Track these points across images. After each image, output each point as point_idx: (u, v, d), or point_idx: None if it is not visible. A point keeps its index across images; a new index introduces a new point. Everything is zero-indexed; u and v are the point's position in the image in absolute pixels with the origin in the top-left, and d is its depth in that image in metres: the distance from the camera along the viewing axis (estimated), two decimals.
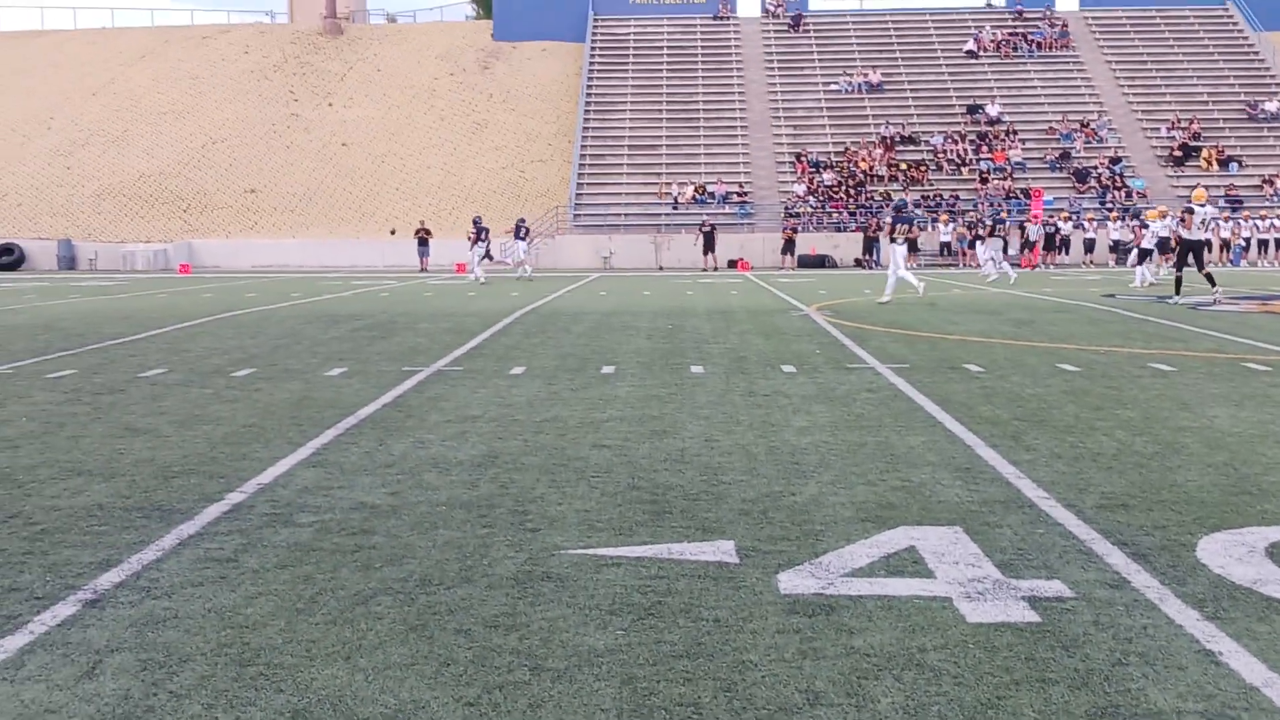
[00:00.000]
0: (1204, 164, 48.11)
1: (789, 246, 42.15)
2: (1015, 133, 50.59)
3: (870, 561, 5.03)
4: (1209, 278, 21.29)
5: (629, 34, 58.95)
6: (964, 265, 40.16)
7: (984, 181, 47.39)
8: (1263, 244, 42.93)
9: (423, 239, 42.13)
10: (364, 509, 6.01)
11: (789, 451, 7.43)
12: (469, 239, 33.92)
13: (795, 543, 5.34)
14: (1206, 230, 21.12)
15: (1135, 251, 30.19)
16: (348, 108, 56.61)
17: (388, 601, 4.56)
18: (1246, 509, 5.90)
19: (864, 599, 4.55)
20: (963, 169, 48.68)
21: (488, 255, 33.99)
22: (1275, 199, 45.19)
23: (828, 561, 5.04)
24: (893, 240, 22.33)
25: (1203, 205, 21.67)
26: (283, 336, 15.54)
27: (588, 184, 49.17)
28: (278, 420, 8.72)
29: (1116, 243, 41.71)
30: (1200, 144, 49.12)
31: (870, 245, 42.66)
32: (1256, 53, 55.50)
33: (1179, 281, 21.72)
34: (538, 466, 7.00)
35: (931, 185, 47.70)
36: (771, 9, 60.22)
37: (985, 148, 49.65)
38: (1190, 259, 21.42)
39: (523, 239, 36.15)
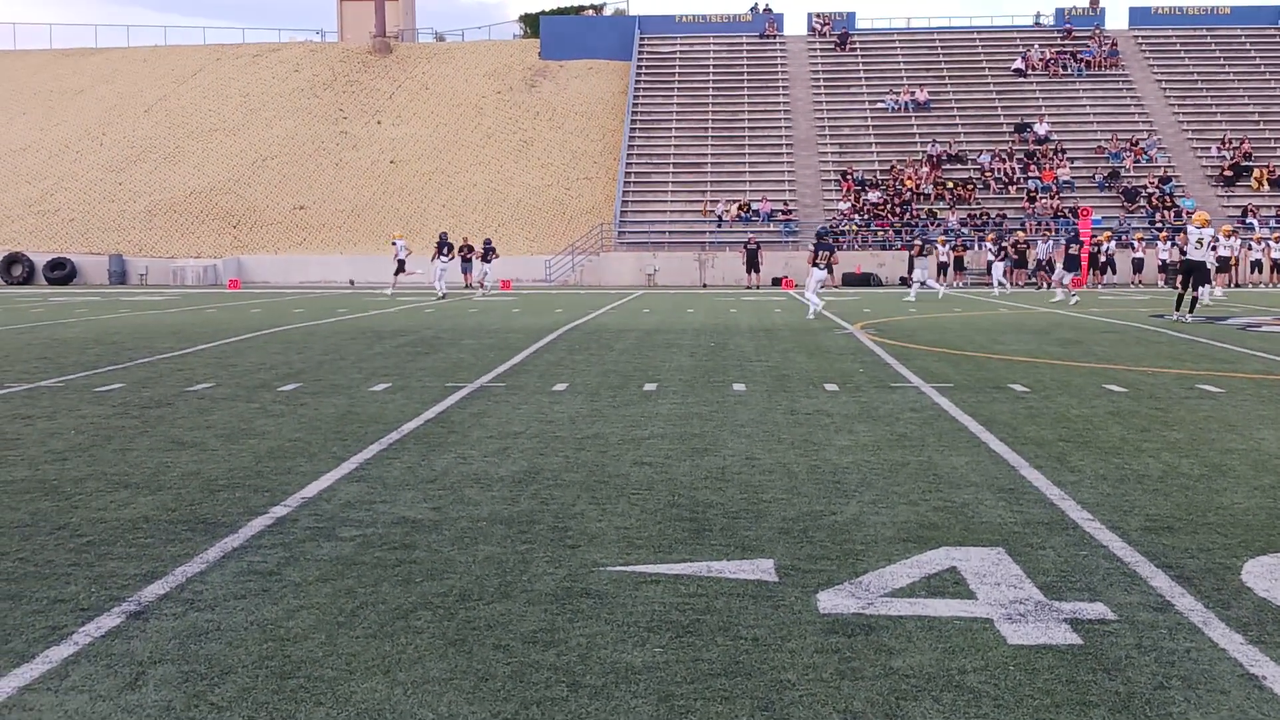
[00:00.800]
0: (1255, 184, 47.56)
1: (753, 262, 41.66)
2: (1064, 152, 50.24)
3: (911, 582, 5.00)
4: (1193, 300, 22.08)
5: (675, 52, 59.12)
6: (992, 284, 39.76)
7: (1031, 200, 47.07)
8: None
9: (466, 255, 42.39)
10: (405, 523, 6.05)
11: (830, 470, 7.41)
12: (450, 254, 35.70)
13: (835, 562, 5.32)
14: (1203, 251, 21.67)
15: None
16: (396, 125, 57.11)
17: (427, 616, 4.59)
18: None
19: (904, 619, 4.52)
20: (1010, 188, 48.37)
21: (401, 268, 35.75)
22: None
23: (868, 581, 5.01)
24: (816, 265, 23.19)
25: (1200, 228, 22.12)
26: (328, 352, 15.68)
27: (633, 201, 49.30)
28: (322, 435, 8.79)
29: (1164, 263, 41.33)
30: (1251, 164, 48.56)
31: (915, 264, 42.45)
32: None
33: (1187, 299, 22.17)
34: (578, 483, 7.02)
35: (979, 204, 47.44)
36: (818, 27, 60.21)
37: (1033, 167, 49.33)
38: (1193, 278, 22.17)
39: (485, 260, 37.06)
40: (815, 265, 23.23)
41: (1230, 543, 5.63)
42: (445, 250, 35.09)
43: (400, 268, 35.83)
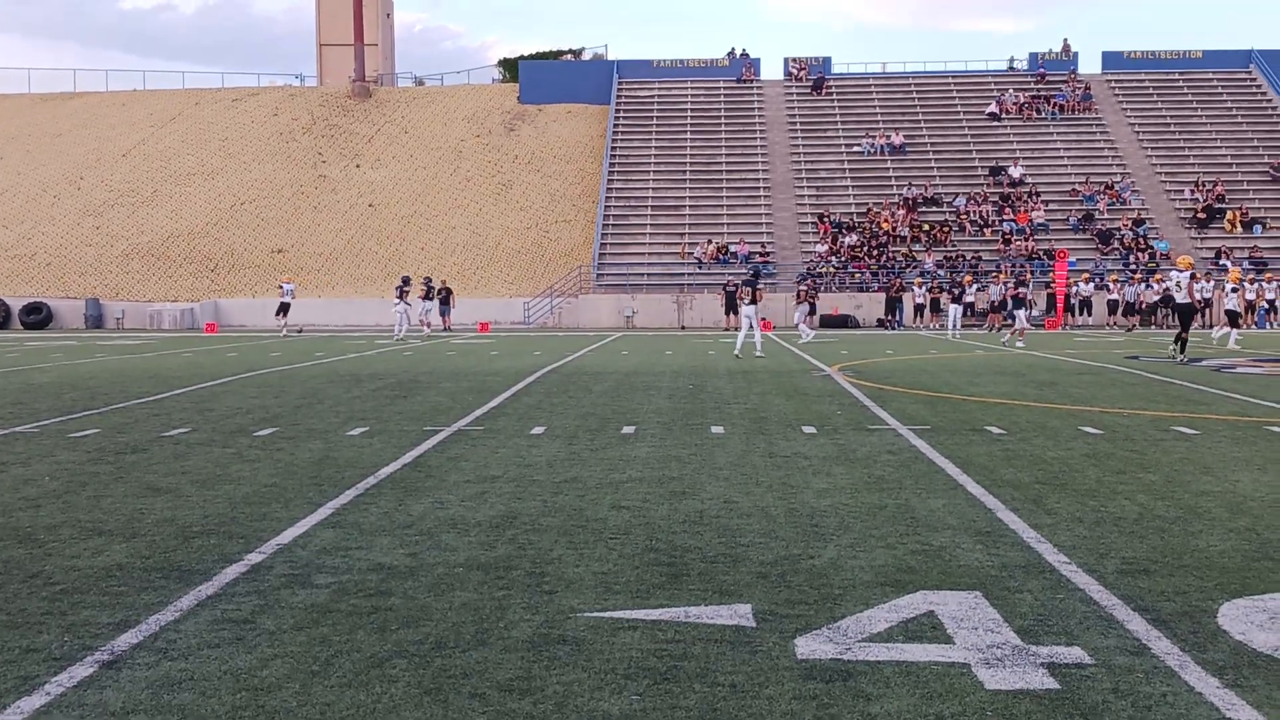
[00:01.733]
0: (1228, 226, 48.02)
1: (732, 304, 40.78)
2: (1038, 194, 50.67)
3: (889, 626, 5.00)
4: (1184, 342, 22.27)
5: (653, 96, 59.52)
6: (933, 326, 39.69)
7: (1006, 243, 47.42)
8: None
9: (445, 298, 42.45)
10: (381, 570, 6.01)
11: (808, 514, 7.41)
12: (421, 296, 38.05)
13: (813, 607, 5.31)
14: (1183, 294, 22.23)
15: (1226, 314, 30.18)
16: (375, 169, 57.22)
17: (403, 664, 4.56)
18: (1269, 575, 5.85)
19: (882, 665, 4.52)
20: (985, 230, 48.73)
21: (283, 310, 38.17)
22: None
23: (846, 626, 5.01)
24: (753, 302, 24.13)
25: (1182, 271, 22.63)
26: (305, 396, 15.62)
27: (611, 244, 49.45)
28: (298, 480, 8.75)
29: (1131, 304, 41.78)
30: (1224, 206, 49.07)
31: (893, 305, 42.70)
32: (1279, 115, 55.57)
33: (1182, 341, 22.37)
34: (556, 528, 7.00)
35: (954, 246, 47.75)
36: (794, 72, 60.72)
37: (1008, 209, 49.72)
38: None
39: (429, 299, 38.78)
40: (753, 302, 24.11)
41: (1206, 585, 5.65)
42: (406, 293, 36.00)
43: (283, 310, 38.38)
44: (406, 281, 37.33)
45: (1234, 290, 29.36)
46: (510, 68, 70.99)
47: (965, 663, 4.53)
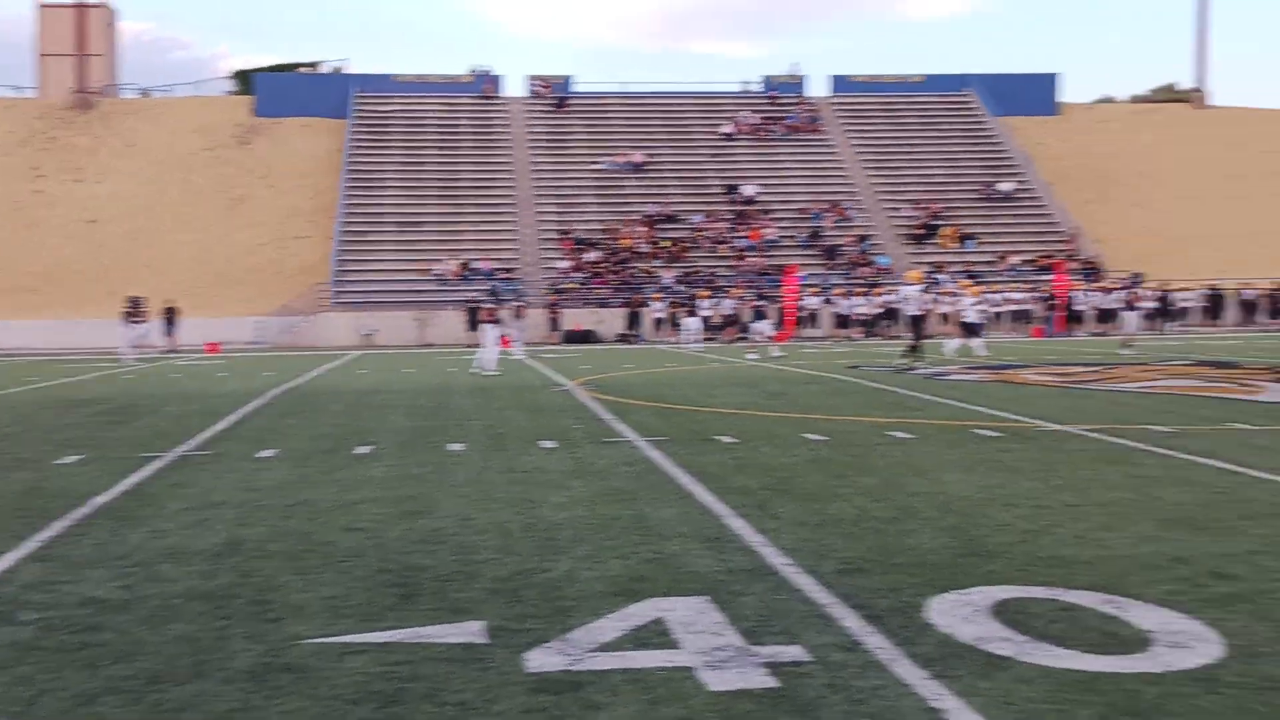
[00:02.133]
0: (943, 241, 50.96)
1: (475, 320, 40.66)
2: (770, 212, 52.54)
3: (618, 635, 5.07)
4: (914, 350, 23.65)
5: (392, 111, 58.68)
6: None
7: (740, 259, 48.96)
8: (999, 315, 45.55)
9: (169, 317, 40.79)
10: (93, 604, 5.69)
11: (545, 528, 7.44)
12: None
13: (545, 620, 5.33)
14: (910, 306, 23.80)
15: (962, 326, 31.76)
16: (98, 183, 54.32)
17: (114, 701, 4.33)
18: (974, 570, 6.21)
19: (610, 673, 4.58)
20: (721, 247, 50.18)
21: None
22: (1010, 273, 48.15)
23: (576, 637, 5.05)
24: (492, 319, 25.37)
25: (910, 285, 24.44)
26: (13, 423, 14.66)
27: (350, 260, 48.41)
28: (1, 513, 8.19)
29: (846, 316, 43.78)
30: (940, 222, 52.06)
31: (634, 320, 43.41)
32: (994, 136, 59.36)
33: (919, 350, 23.61)
34: (283, 553, 6.79)
35: (692, 263, 48.96)
36: (537, 89, 61.05)
37: (742, 226, 51.36)
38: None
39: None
40: (494, 321, 25.06)
41: (916, 581, 5.95)
42: (136, 315, 34.64)
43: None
44: (136, 302, 35.73)
45: (974, 304, 31.26)
46: (244, 80, 68.58)
47: (690, 666, 4.63)
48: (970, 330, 29.84)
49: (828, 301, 44.28)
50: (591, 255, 48.68)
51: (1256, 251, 49.84)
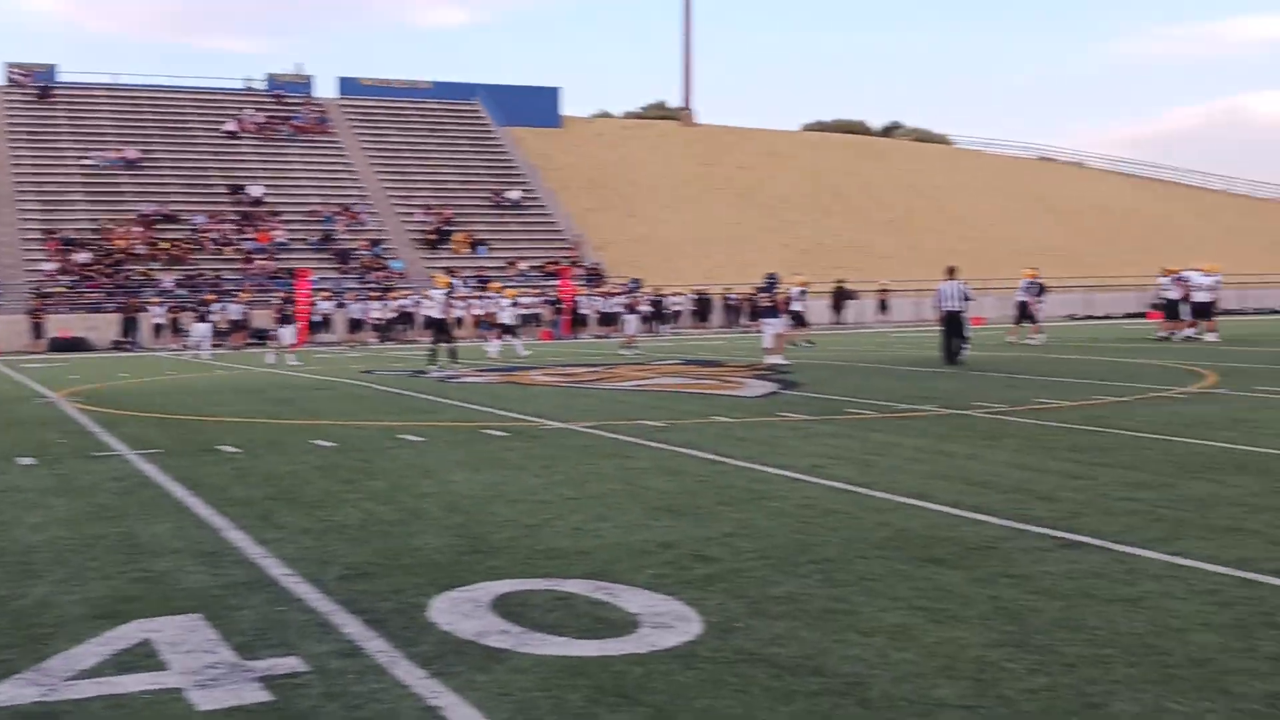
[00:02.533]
0: (455, 247, 51.72)
1: None
2: (279, 214, 51.08)
3: (99, 661, 4.73)
4: (432, 354, 24.29)
5: None
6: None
7: (249, 262, 47.25)
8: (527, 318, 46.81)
9: None
10: None
11: (20, 551, 6.84)
12: None
13: (19, 650, 4.90)
14: (435, 310, 24.80)
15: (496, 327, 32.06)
16: None
17: None
18: (477, 566, 6.33)
19: (90, 701, 4.27)
20: (226, 249, 48.18)
21: None
22: (519, 279, 49.64)
23: (52, 666, 4.68)
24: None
25: (439, 290, 25.02)
26: None
27: None
28: None
29: (360, 322, 43.52)
30: (452, 228, 52.79)
31: (130, 326, 40.73)
32: (500, 146, 60.93)
33: (436, 354, 24.07)
34: None
35: (195, 265, 46.67)
36: (17, 77, 55.85)
37: (249, 228, 49.58)
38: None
39: None
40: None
41: (421, 582, 5.98)
42: None
43: None
44: None
45: (511, 305, 32.09)
46: None
47: (179, 687, 4.40)
48: (508, 331, 30.73)
49: (341, 305, 43.63)
50: (81, 257, 45.21)
51: (735, 257, 54.45)
